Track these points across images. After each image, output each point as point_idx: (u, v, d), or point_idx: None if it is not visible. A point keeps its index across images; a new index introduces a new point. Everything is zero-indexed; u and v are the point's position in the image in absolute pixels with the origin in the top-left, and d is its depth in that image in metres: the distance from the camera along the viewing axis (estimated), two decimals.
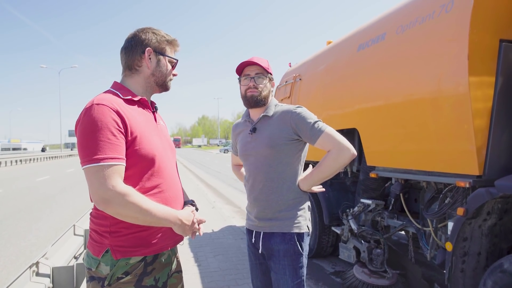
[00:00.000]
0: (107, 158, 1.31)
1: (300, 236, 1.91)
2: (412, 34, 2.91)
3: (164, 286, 1.52)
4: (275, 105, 2.02)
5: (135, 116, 1.47)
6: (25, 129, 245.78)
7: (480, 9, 2.36)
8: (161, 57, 1.59)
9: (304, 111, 1.92)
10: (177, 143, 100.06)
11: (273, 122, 1.95)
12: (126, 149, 1.39)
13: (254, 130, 2.01)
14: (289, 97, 5.24)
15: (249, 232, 2.05)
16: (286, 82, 5.49)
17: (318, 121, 1.89)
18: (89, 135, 1.33)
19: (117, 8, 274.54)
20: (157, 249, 1.49)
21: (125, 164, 1.37)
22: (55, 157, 42.53)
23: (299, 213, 1.93)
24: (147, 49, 1.55)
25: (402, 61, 3.00)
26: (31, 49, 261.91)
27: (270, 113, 1.99)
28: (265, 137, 1.94)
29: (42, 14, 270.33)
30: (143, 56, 1.55)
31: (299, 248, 1.89)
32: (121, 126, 1.37)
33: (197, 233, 1.60)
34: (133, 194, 1.34)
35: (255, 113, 2.04)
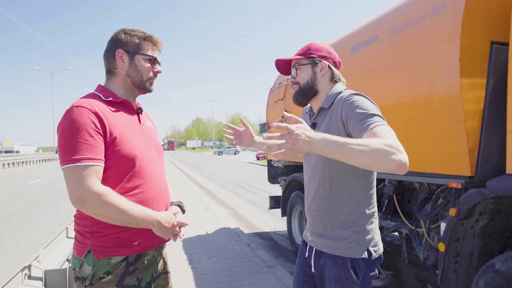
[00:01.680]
0: (83, 159, 1.34)
1: (356, 261, 1.56)
2: (404, 36, 2.93)
3: (148, 286, 1.52)
4: (336, 93, 1.63)
5: (116, 117, 1.49)
6: (18, 132, 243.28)
7: (471, 11, 2.39)
8: (136, 56, 1.56)
9: (360, 99, 1.51)
10: (171, 145, 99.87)
11: (329, 116, 1.60)
12: (106, 150, 1.42)
13: (314, 125, 1.67)
14: (282, 99, 5.26)
15: (304, 243, 1.78)
16: (280, 84, 5.50)
17: (376, 114, 1.44)
18: (67, 136, 1.36)
19: (111, 11, 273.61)
20: (139, 249, 1.49)
21: (103, 164, 1.39)
22: (48, 159, 42.17)
23: (356, 233, 1.56)
24: (117, 50, 1.56)
25: (395, 63, 3.02)
26: (24, 52, 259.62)
27: (327, 104, 1.62)
28: (328, 131, 1.55)
29: (35, 16, 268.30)
30: (116, 59, 1.56)
31: (353, 276, 1.55)
32: (99, 127, 1.40)
33: (179, 236, 1.55)
34: (110, 194, 1.35)
35: (314, 104, 1.73)
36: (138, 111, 1.65)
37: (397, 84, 2.98)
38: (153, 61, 1.61)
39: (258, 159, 33.96)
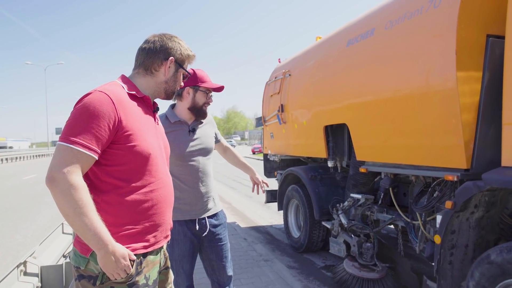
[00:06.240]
0: (80, 144, 1.29)
1: None
2: (400, 29, 2.92)
3: (154, 284, 1.51)
4: None
5: (135, 112, 1.46)
6: (12, 127, 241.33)
7: (467, 4, 2.38)
8: (180, 69, 1.63)
9: None
10: None
11: (207, 126, 2.38)
12: (118, 144, 1.38)
13: (193, 130, 2.29)
14: (278, 92, 5.23)
15: (190, 222, 2.26)
16: (275, 78, 5.48)
17: None
18: (77, 116, 1.32)
19: (105, 6, 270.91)
20: (148, 246, 1.47)
21: (96, 157, 1.33)
22: (42, 155, 41.90)
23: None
24: (170, 58, 1.57)
25: (391, 56, 3.02)
26: (17, 47, 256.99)
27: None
28: (209, 138, 2.36)
29: (28, 11, 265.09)
30: (164, 63, 1.57)
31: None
32: (114, 119, 1.35)
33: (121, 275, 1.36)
34: (80, 190, 1.26)
35: (187, 116, 2.28)
36: (155, 110, 1.64)
37: (393, 78, 2.98)
38: (185, 77, 1.69)
39: (253, 153, 33.94)
